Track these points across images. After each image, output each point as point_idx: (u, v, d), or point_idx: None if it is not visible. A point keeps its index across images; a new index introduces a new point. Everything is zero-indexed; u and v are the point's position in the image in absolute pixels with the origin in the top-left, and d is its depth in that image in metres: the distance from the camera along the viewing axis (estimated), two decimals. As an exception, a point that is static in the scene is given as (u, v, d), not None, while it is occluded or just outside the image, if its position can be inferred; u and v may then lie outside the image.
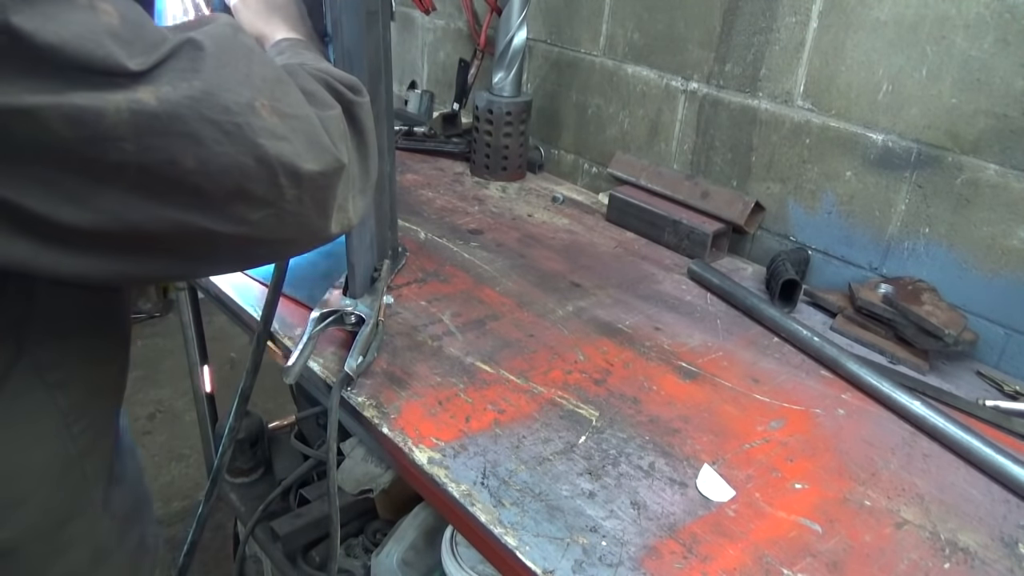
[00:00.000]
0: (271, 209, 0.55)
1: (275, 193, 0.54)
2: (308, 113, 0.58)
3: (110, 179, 0.48)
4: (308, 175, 0.56)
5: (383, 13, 1.07)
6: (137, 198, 0.50)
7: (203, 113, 0.50)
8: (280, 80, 0.57)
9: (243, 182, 0.53)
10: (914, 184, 1.26)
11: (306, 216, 0.58)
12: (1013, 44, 1.11)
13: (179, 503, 2.40)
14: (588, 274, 1.38)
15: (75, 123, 0.45)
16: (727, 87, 1.50)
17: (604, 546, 0.78)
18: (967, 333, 1.15)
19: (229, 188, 0.52)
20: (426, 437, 0.91)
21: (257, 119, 0.52)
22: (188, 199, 0.51)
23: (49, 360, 0.62)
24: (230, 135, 0.51)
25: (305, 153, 0.56)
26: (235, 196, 0.53)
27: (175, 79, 0.49)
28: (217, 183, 0.51)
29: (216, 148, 0.50)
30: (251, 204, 0.54)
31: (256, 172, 0.53)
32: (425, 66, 2.29)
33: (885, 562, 0.80)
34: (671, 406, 1.02)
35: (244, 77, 0.53)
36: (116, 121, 0.46)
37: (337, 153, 0.59)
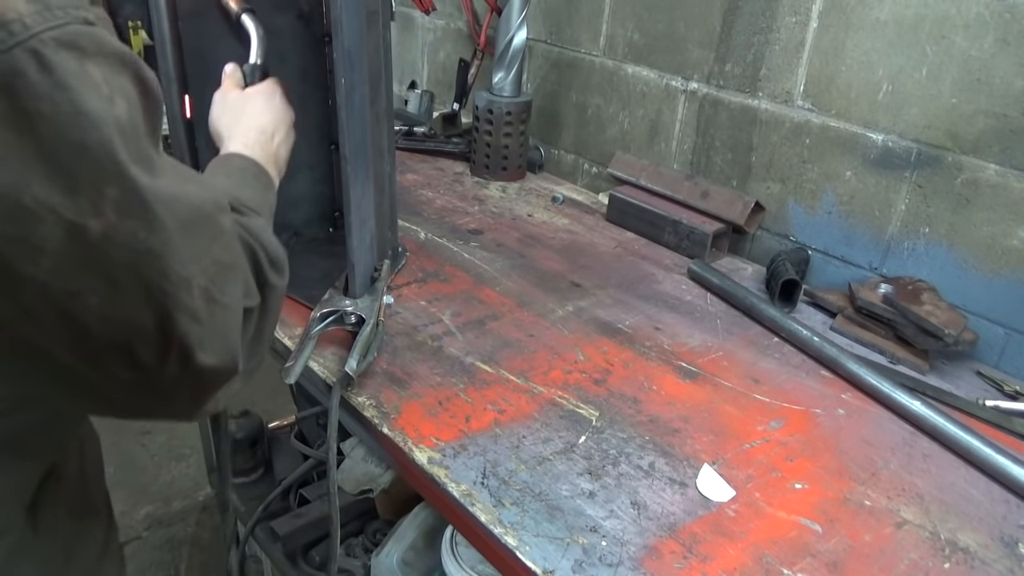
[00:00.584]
0: (144, 375, 0.52)
1: (158, 365, 0.51)
2: (236, 305, 0.57)
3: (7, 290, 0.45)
4: (199, 365, 0.53)
5: (383, 13, 1.07)
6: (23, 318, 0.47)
7: (137, 267, 0.48)
8: (232, 267, 0.56)
9: (134, 342, 0.50)
10: (914, 184, 1.26)
11: (176, 397, 0.55)
12: (1013, 44, 1.11)
13: (179, 503, 2.40)
14: (588, 274, 1.38)
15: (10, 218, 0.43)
16: (727, 87, 1.50)
17: (604, 546, 0.78)
18: (967, 333, 1.15)
19: (117, 341, 0.49)
20: (426, 437, 0.91)
21: (186, 295, 0.51)
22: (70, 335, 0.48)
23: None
24: (150, 297, 0.49)
25: (209, 344, 0.53)
26: (119, 350, 0.50)
27: (135, 225, 0.47)
28: (108, 331, 0.49)
29: (128, 301, 0.48)
30: (129, 364, 0.51)
31: (151, 339, 0.50)
32: (425, 66, 2.29)
33: (885, 562, 0.80)
34: (671, 406, 1.02)
35: (198, 255, 0.52)
36: (48, 235, 0.44)
37: (238, 357, 0.57)
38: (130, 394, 0.54)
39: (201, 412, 0.59)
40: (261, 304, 0.63)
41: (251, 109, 0.94)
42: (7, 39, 0.41)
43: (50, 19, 0.43)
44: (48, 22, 0.43)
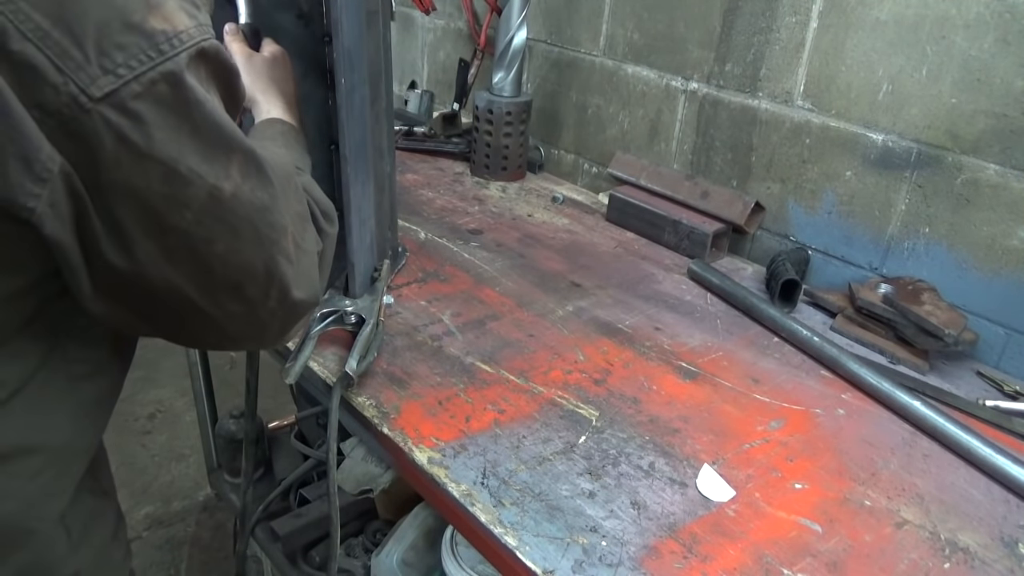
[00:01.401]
0: (250, 308, 0.63)
1: (262, 299, 0.63)
2: (313, 251, 0.69)
3: (156, 232, 0.55)
4: (293, 299, 0.65)
5: (383, 13, 1.07)
6: (164, 256, 0.57)
7: (255, 220, 0.59)
8: (305, 218, 0.69)
9: (245, 280, 0.61)
10: (914, 184, 1.26)
11: (270, 327, 0.66)
12: (1013, 44, 1.11)
13: (179, 503, 2.40)
14: (588, 274, 1.38)
15: (169, 181, 0.53)
16: (727, 87, 1.50)
17: (604, 546, 0.78)
18: (967, 333, 1.15)
19: (233, 279, 0.60)
20: (426, 437, 0.91)
21: (285, 241, 0.63)
22: (197, 272, 0.58)
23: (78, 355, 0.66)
24: (262, 244, 0.60)
25: (300, 281, 0.65)
26: (233, 286, 0.61)
27: (255, 185, 0.59)
28: (227, 270, 0.59)
29: (246, 247, 0.59)
30: (238, 298, 0.62)
31: (259, 277, 0.61)
32: (425, 66, 2.29)
33: (885, 562, 0.80)
34: (671, 406, 1.02)
35: (290, 207, 0.65)
36: (194, 195, 0.55)
37: (319, 292, 0.70)
38: (237, 325, 0.64)
39: (285, 339, 0.71)
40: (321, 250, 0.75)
41: (278, 75, 1.00)
42: (179, 45, 0.53)
43: (203, 33, 0.56)
44: (203, 35, 0.55)
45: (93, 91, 0.49)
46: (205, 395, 1.92)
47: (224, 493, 1.84)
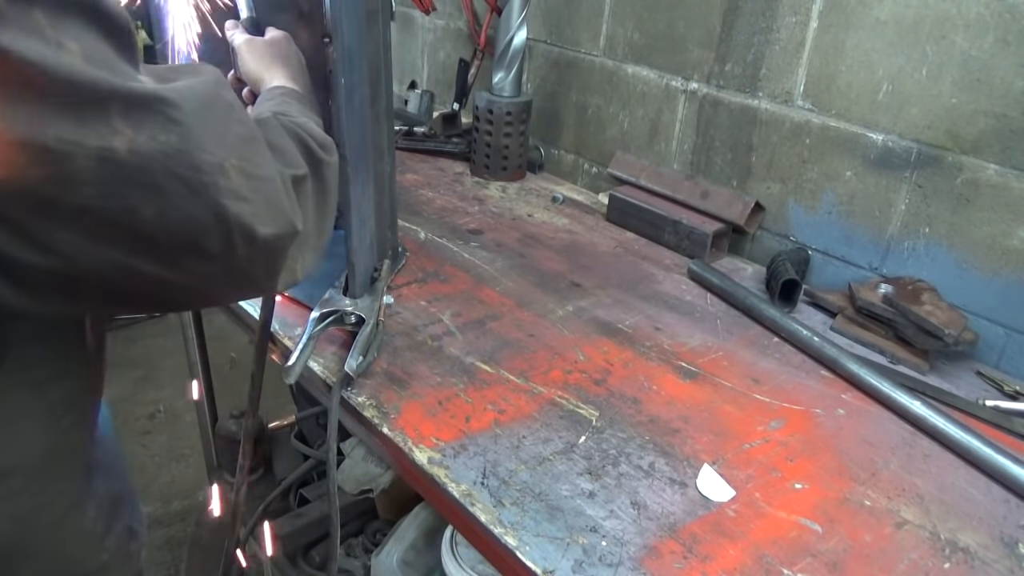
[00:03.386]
0: (221, 264, 0.56)
1: (227, 250, 0.55)
2: (273, 174, 0.60)
3: (67, 222, 0.49)
4: (263, 237, 0.57)
5: (383, 13, 1.07)
6: (93, 243, 0.50)
7: (173, 169, 0.51)
8: (252, 139, 0.59)
9: (198, 237, 0.54)
10: (914, 184, 1.26)
11: (253, 273, 0.60)
12: (1013, 44, 1.11)
13: (179, 503, 2.40)
14: (588, 274, 1.38)
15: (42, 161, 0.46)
16: (727, 87, 1.50)
17: (604, 546, 0.78)
18: (967, 333, 1.15)
19: (183, 240, 0.53)
20: (426, 437, 0.91)
21: (224, 179, 0.54)
22: (142, 247, 0.52)
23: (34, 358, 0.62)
24: (196, 192, 0.52)
25: (263, 215, 0.57)
26: (188, 248, 0.54)
27: (154, 130, 0.50)
28: (172, 235, 0.52)
29: (178, 202, 0.51)
30: (202, 257, 0.55)
31: (213, 229, 0.54)
32: (425, 66, 2.29)
33: (885, 562, 0.80)
34: (671, 406, 1.02)
35: (219, 136, 0.54)
36: (82, 166, 0.47)
37: (293, 218, 0.61)
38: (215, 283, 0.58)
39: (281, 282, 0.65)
40: (314, 175, 0.69)
41: (280, 52, 0.97)
42: None
43: None
44: None
45: None
46: (205, 395, 1.92)
47: (224, 493, 1.84)
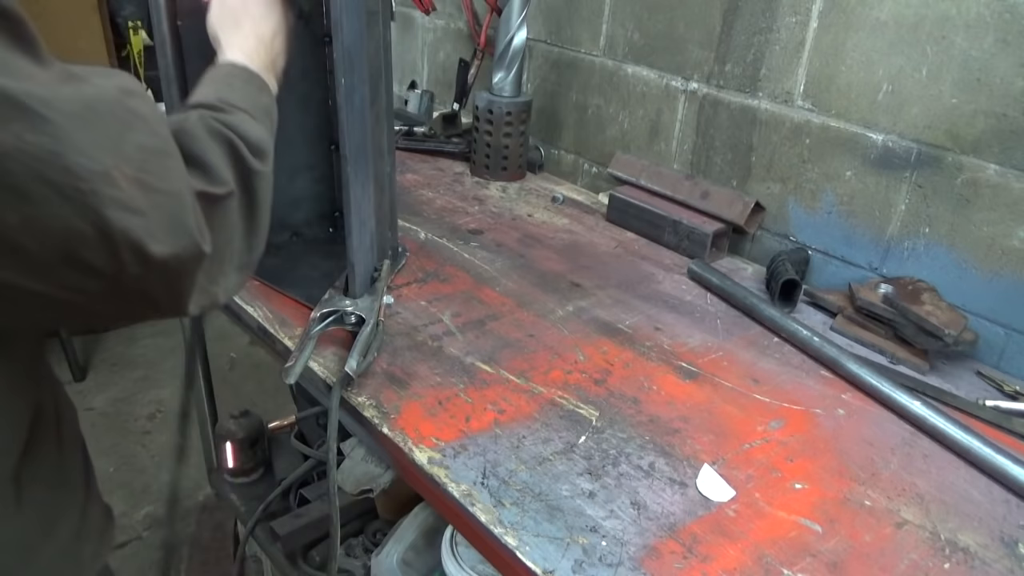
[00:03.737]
0: (110, 282, 0.52)
1: (114, 266, 0.51)
2: (180, 189, 0.55)
3: None
4: (157, 257, 0.52)
5: (383, 13, 1.07)
6: None
7: (39, 171, 0.47)
8: (159, 151, 0.54)
9: (76, 248, 0.49)
10: (914, 184, 1.26)
11: (152, 294, 0.56)
12: (1013, 44, 1.11)
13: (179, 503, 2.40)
14: (588, 274, 1.38)
15: None
16: (727, 87, 1.50)
17: (604, 546, 0.78)
18: (967, 333, 1.15)
19: (58, 252, 0.49)
20: (426, 437, 0.91)
21: (110, 188, 0.49)
22: (10, 258, 0.48)
23: None
24: (69, 199, 0.48)
25: (159, 233, 0.52)
26: (65, 261, 0.50)
27: (20, 129, 0.46)
28: (43, 244, 0.48)
29: (46, 209, 0.47)
30: (85, 273, 0.51)
31: (93, 241, 0.49)
32: (425, 66, 2.29)
33: (885, 562, 0.80)
34: (671, 406, 1.02)
35: (109, 143, 0.50)
36: None
37: (199, 239, 0.56)
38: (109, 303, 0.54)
39: (189, 305, 0.59)
40: (243, 190, 0.64)
41: (252, 13, 0.89)
42: None
43: None
44: None
45: None
46: (205, 395, 1.92)
47: (224, 493, 1.84)
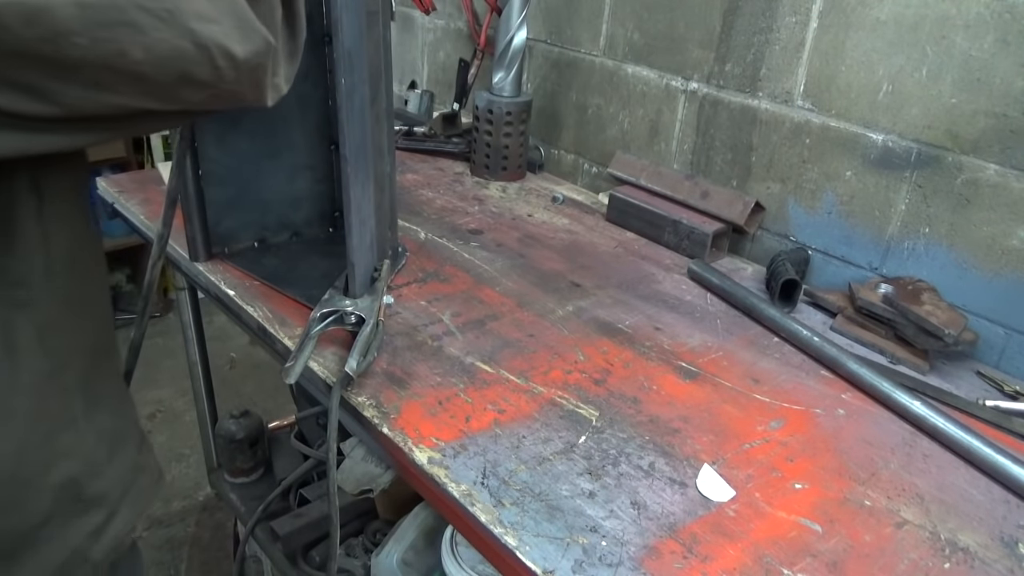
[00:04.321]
0: (213, 90, 0.59)
1: (215, 76, 0.58)
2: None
3: (70, 76, 0.51)
4: (241, 57, 0.59)
5: (383, 13, 1.07)
6: (96, 91, 0.53)
7: (137, 1, 0.51)
8: None
9: (186, 67, 0.55)
10: (914, 184, 1.27)
11: (242, 93, 0.62)
12: (1013, 44, 1.11)
13: (179, 503, 2.41)
14: (588, 274, 1.38)
15: (29, 21, 0.48)
16: (727, 87, 1.50)
17: (604, 546, 0.78)
18: (967, 333, 1.15)
19: (174, 74, 0.55)
20: (426, 437, 0.91)
21: (185, 2, 0.54)
22: (140, 87, 0.55)
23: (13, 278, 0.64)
24: (165, 21, 0.53)
25: (234, 34, 0.58)
26: (180, 81, 0.56)
27: None
28: (163, 71, 0.54)
29: (156, 35, 0.53)
30: (195, 87, 0.57)
31: (195, 56, 0.55)
32: (425, 66, 2.29)
33: (885, 562, 0.80)
34: (671, 406, 1.02)
35: None
36: (65, 15, 0.49)
37: (265, 33, 0.62)
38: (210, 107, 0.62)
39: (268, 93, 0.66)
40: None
41: None
42: None
43: None
44: None
45: None
46: (205, 395, 1.92)
47: (224, 493, 1.84)
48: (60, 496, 0.71)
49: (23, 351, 0.66)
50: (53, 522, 0.71)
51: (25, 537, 0.69)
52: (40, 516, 0.69)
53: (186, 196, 1.22)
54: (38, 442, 0.69)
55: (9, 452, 0.66)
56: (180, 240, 1.29)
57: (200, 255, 1.27)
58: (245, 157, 1.25)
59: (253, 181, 1.29)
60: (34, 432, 0.69)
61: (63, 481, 0.71)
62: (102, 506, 0.76)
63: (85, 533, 0.74)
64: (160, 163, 3.18)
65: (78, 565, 0.73)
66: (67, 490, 0.72)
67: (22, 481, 0.68)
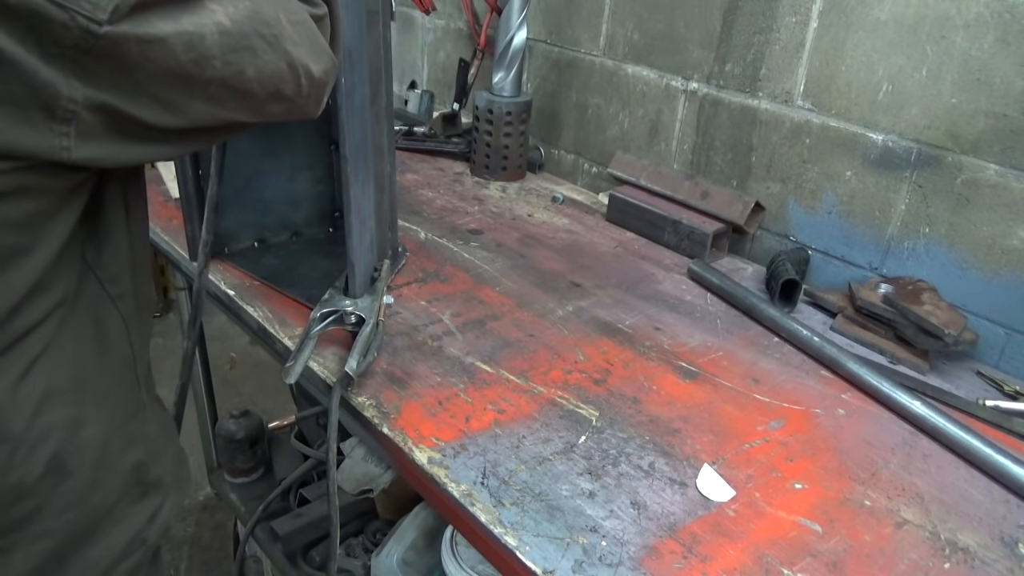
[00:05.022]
0: (290, 104, 0.68)
1: (297, 92, 0.67)
2: (307, 19, 0.69)
3: (199, 92, 0.60)
4: (318, 75, 0.69)
5: (383, 13, 1.07)
6: (212, 105, 0.62)
7: (256, 28, 0.61)
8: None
9: (280, 85, 0.65)
10: (914, 184, 1.26)
11: (308, 107, 0.72)
12: (1013, 44, 1.11)
13: (179, 503, 2.40)
14: (588, 274, 1.38)
15: (190, 47, 0.56)
16: (727, 87, 1.50)
17: (604, 546, 0.78)
18: (967, 333, 1.15)
19: (271, 91, 0.65)
20: (426, 437, 0.91)
21: (283, 29, 0.64)
22: (243, 103, 0.64)
23: (110, 274, 0.71)
24: (272, 45, 0.63)
25: (311, 55, 0.68)
26: (272, 97, 0.65)
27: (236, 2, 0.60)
28: (265, 88, 0.64)
29: (265, 58, 0.62)
30: (280, 102, 0.67)
31: (288, 75, 0.65)
32: (425, 66, 2.29)
33: (885, 562, 0.80)
34: (671, 406, 1.02)
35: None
36: (212, 42, 0.58)
37: (332, 53, 0.72)
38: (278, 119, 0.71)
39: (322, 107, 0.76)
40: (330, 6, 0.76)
41: None
42: None
43: None
44: None
45: (99, 15, 0.51)
46: (205, 395, 1.92)
47: (224, 493, 1.84)
48: (130, 479, 0.77)
49: (113, 342, 0.73)
50: (122, 504, 0.76)
51: (102, 517, 0.74)
52: (114, 497, 0.75)
53: (186, 196, 1.22)
54: (119, 426, 0.75)
55: (98, 435, 0.72)
56: (180, 240, 1.29)
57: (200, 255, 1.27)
58: (245, 157, 1.25)
59: (253, 181, 1.29)
60: (117, 417, 0.75)
61: (133, 465, 0.77)
62: (159, 490, 0.82)
63: (145, 516, 0.80)
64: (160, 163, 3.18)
65: (137, 546, 0.79)
66: (135, 473, 0.77)
67: (105, 463, 0.73)
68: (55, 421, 0.67)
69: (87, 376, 0.70)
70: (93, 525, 0.73)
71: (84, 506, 0.72)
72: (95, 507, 0.73)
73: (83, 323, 0.69)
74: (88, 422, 0.71)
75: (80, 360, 0.70)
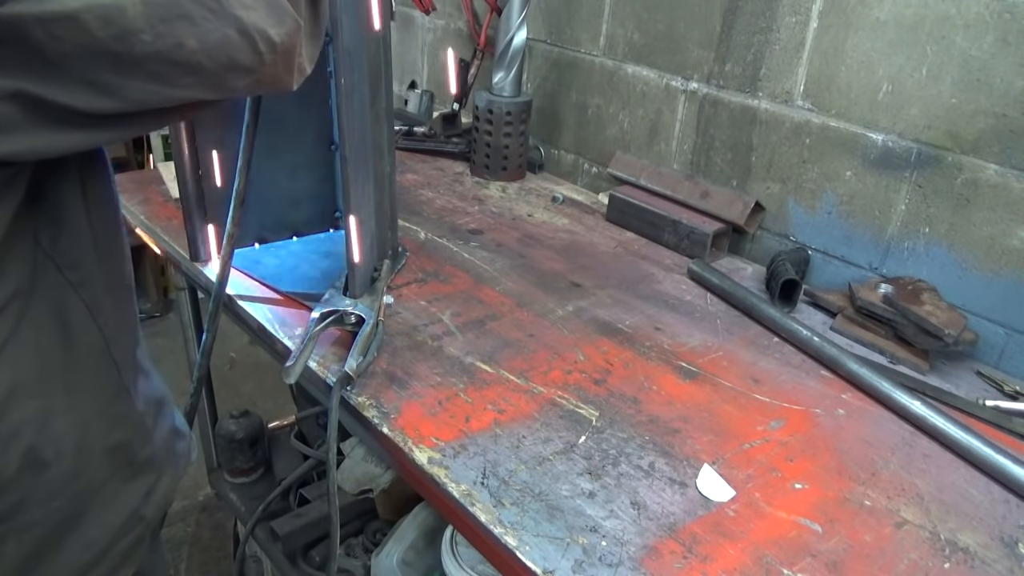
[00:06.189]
0: (255, 76, 0.63)
1: (258, 60, 0.62)
2: None
3: (134, 71, 0.56)
4: (277, 40, 0.63)
5: (383, 13, 1.07)
6: (156, 84, 0.58)
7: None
8: None
9: (233, 54, 0.60)
10: (914, 184, 1.26)
11: (278, 76, 0.67)
12: (1013, 44, 1.11)
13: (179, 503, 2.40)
14: (588, 274, 1.38)
15: (107, 22, 0.52)
16: (727, 87, 1.50)
17: (604, 546, 0.78)
18: (967, 333, 1.15)
19: (223, 63, 0.60)
20: (426, 437, 0.91)
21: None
22: (194, 78, 0.59)
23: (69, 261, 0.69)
24: (214, 12, 0.58)
25: (270, 18, 0.63)
26: (228, 69, 0.61)
27: None
28: (214, 59, 0.59)
29: (207, 26, 0.57)
30: (240, 73, 0.62)
31: (240, 43, 0.60)
32: (425, 66, 2.29)
33: (885, 562, 0.80)
34: (671, 406, 1.02)
35: None
36: (134, 14, 0.53)
37: (295, 14, 0.67)
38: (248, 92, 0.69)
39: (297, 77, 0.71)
40: None
41: None
42: None
43: None
44: None
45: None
46: (205, 395, 1.92)
47: (224, 493, 1.84)
48: (116, 461, 0.77)
49: (78, 329, 0.72)
50: (112, 485, 0.77)
51: (92, 499, 0.75)
52: (100, 480, 0.75)
53: (186, 196, 1.22)
54: (98, 411, 0.75)
55: (75, 423, 0.71)
56: (180, 240, 1.29)
57: (200, 255, 1.27)
58: (245, 157, 1.25)
59: (253, 181, 1.28)
60: (95, 403, 0.74)
61: (117, 446, 0.77)
62: (151, 468, 0.82)
63: (140, 494, 0.80)
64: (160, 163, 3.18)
65: (135, 523, 0.80)
66: (121, 455, 0.78)
67: (86, 449, 0.73)
68: (25, 416, 0.67)
69: (53, 366, 0.69)
70: (84, 508, 0.74)
71: (70, 492, 0.72)
72: (81, 492, 0.73)
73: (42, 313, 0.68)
74: (60, 412, 0.70)
75: (43, 351, 0.68)
